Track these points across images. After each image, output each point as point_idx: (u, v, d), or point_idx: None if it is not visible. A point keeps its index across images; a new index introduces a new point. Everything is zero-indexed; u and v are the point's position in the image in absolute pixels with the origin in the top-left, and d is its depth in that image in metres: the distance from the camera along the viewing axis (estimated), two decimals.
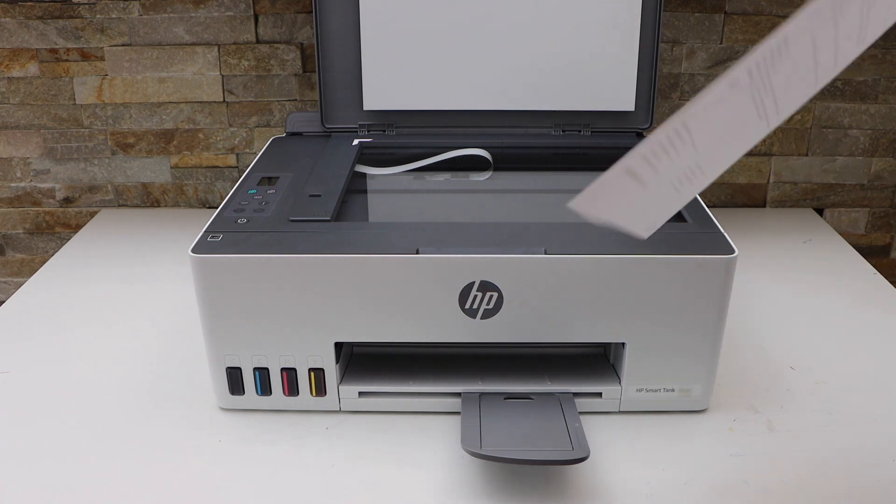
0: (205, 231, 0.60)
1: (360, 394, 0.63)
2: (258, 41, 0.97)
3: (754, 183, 1.06)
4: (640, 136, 0.84)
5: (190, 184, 1.06)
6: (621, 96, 0.82)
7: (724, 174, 1.05)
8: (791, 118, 1.02)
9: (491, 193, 0.69)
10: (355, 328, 0.60)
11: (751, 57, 0.32)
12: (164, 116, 1.02)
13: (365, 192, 0.69)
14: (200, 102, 1.01)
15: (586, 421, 0.61)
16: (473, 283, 0.57)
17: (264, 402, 0.63)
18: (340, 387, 0.63)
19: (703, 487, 0.56)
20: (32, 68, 0.98)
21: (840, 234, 0.99)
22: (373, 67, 0.82)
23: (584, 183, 0.75)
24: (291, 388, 0.62)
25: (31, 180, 1.05)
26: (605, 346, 0.67)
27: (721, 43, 0.97)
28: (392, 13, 0.81)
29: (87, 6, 0.95)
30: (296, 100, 1.00)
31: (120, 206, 1.08)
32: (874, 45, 0.97)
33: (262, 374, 0.62)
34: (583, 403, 0.62)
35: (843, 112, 1.01)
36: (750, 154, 1.04)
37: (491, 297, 0.58)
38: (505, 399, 0.61)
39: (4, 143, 1.03)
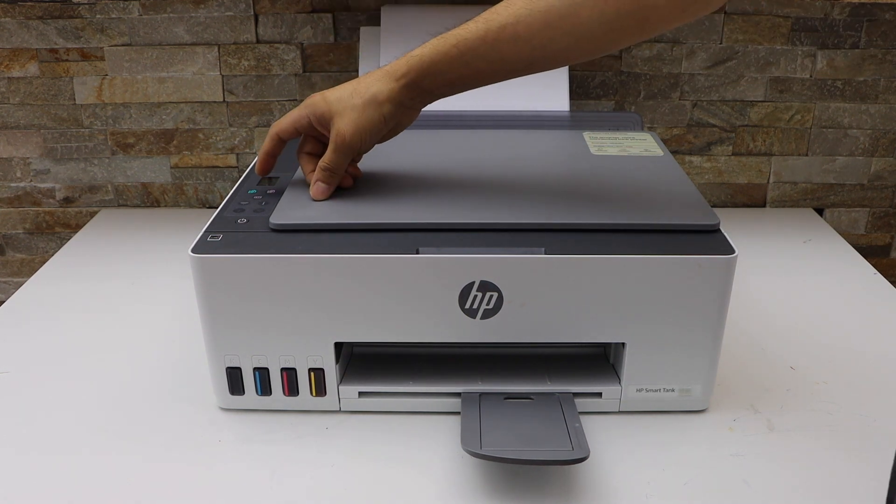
0: (205, 231, 0.60)
1: (360, 394, 0.63)
2: (258, 41, 0.97)
3: (754, 183, 1.06)
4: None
5: (190, 184, 1.06)
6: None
7: (725, 174, 1.05)
8: (791, 118, 1.02)
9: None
10: (355, 328, 0.60)
11: None
12: (164, 116, 1.02)
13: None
14: (200, 102, 1.01)
15: (586, 421, 0.61)
16: (473, 283, 0.57)
17: (264, 402, 0.63)
18: (340, 387, 0.63)
19: (703, 487, 0.56)
20: (32, 68, 0.98)
21: (840, 234, 0.99)
22: None
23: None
24: (291, 388, 0.62)
25: (31, 180, 1.05)
26: (605, 346, 0.67)
27: (721, 43, 0.97)
28: None
29: (87, 6, 0.95)
30: (296, 100, 1.00)
31: (120, 206, 1.08)
32: (874, 45, 0.97)
33: (262, 374, 0.62)
34: (583, 403, 0.62)
35: (843, 112, 1.01)
36: (750, 154, 1.04)
37: (491, 297, 0.58)
38: (505, 399, 0.61)
39: (4, 143, 1.03)
